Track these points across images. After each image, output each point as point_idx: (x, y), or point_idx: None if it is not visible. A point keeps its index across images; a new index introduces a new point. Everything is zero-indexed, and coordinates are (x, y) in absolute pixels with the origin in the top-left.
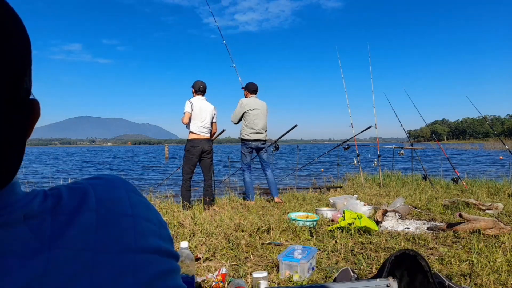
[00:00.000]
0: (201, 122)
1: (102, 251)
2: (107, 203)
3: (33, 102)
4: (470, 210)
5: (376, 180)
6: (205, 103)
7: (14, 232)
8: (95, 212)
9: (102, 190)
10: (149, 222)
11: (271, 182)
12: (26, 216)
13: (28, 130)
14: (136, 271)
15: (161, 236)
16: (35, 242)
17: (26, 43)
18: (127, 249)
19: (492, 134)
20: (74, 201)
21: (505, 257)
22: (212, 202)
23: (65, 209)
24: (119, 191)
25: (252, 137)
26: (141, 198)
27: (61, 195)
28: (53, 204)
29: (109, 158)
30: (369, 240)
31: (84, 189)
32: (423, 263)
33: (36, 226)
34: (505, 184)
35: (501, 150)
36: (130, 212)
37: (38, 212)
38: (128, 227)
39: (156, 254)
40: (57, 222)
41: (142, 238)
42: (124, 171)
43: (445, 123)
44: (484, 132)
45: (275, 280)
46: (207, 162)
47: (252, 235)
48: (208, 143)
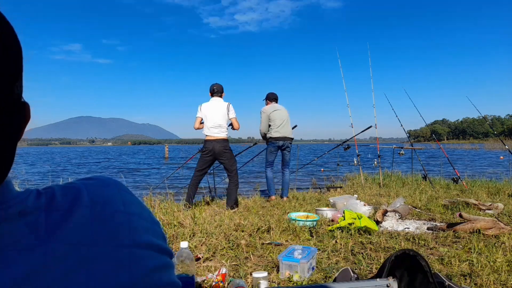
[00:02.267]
0: (211, 123)
1: (97, 245)
2: (100, 200)
3: (25, 104)
4: (470, 210)
5: (376, 180)
6: (216, 103)
7: (11, 227)
8: (89, 208)
9: (94, 188)
10: (142, 219)
11: (285, 182)
12: (21, 212)
13: (21, 131)
14: (131, 265)
15: (154, 233)
16: (31, 237)
17: (18, 50)
18: (121, 244)
19: (492, 134)
20: (67, 199)
21: (505, 257)
22: (232, 208)
23: (59, 206)
24: (111, 190)
25: (277, 135)
26: (133, 197)
27: (54, 193)
28: (47, 201)
29: (93, 160)
30: (369, 240)
31: (77, 188)
32: (423, 263)
33: (32, 222)
34: (505, 184)
35: (501, 150)
36: (123, 209)
37: (32, 209)
38: (122, 223)
39: (149, 249)
40: (52, 218)
41: (136, 233)
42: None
43: (445, 123)
44: (484, 132)
45: (275, 280)
46: (225, 163)
47: (252, 235)
48: (221, 143)
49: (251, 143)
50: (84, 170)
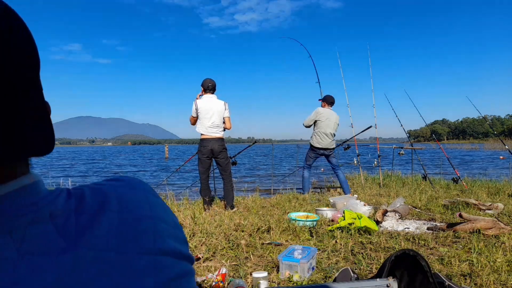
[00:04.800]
0: (209, 122)
1: (123, 252)
2: (127, 205)
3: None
4: (470, 210)
5: (376, 180)
6: (213, 101)
7: (41, 230)
8: (116, 213)
9: (122, 191)
10: (166, 223)
11: (343, 181)
12: (52, 214)
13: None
14: (155, 273)
15: (177, 238)
16: (61, 240)
17: (36, 49)
18: (146, 251)
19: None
20: (96, 202)
21: (505, 257)
22: (232, 207)
23: (88, 209)
24: (138, 193)
25: (320, 145)
26: (158, 200)
27: (84, 195)
28: (77, 203)
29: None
30: (369, 240)
31: (105, 190)
32: (423, 263)
33: (61, 224)
34: (505, 184)
35: (501, 150)
36: (149, 213)
37: (62, 211)
38: (148, 229)
39: (172, 256)
40: (81, 221)
41: (160, 240)
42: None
43: (445, 123)
44: (484, 132)
45: (275, 280)
46: (221, 162)
47: (252, 235)
48: (219, 142)
49: (250, 142)
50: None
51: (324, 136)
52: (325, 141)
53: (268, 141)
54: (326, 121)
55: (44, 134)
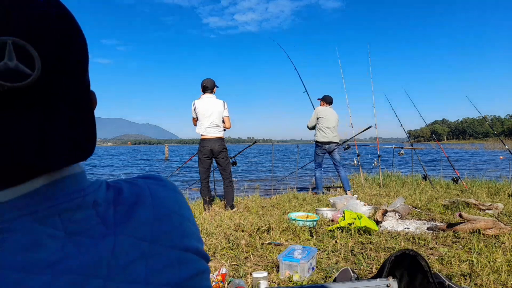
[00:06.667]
0: (208, 122)
1: (156, 243)
2: (160, 201)
3: (92, 92)
4: (470, 210)
5: (376, 180)
6: (211, 101)
7: (85, 215)
8: (151, 207)
9: (155, 188)
10: (190, 222)
11: (343, 179)
12: (95, 202)
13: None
14: (180, 267)
15: (198, 237)
16: (102, 226)
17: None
18: (174, 246)
19: (492, 134)
20: (133, 195)
21: (505, 257)
22: (232, 207)
23: (126, 201)
24: (169, 191)
25: (324, 139)
26: (184, 199)
27: (121, 188)
28: (115, 195)
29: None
30: (369, 240)
31: (140, 186)
32: (423, 263)
33: (102, 212)
34: (505, 184)
35: (501, 150)
36: (178, 211)
37: (102, 201)
38: (177, 226)
39: (195, 254)
40: (119, 212)
41: (186, 237)
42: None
43: (445, 123)
44: (484, 132)
45: (275, 280)
46: (221, 162)
47: (252, 235)
48: (219, 142)
49: (250, 142)
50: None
51: (328, 130)
52: (329, 134)
53: (268, 141)
54: (327, 117)
55: (91, 133)
